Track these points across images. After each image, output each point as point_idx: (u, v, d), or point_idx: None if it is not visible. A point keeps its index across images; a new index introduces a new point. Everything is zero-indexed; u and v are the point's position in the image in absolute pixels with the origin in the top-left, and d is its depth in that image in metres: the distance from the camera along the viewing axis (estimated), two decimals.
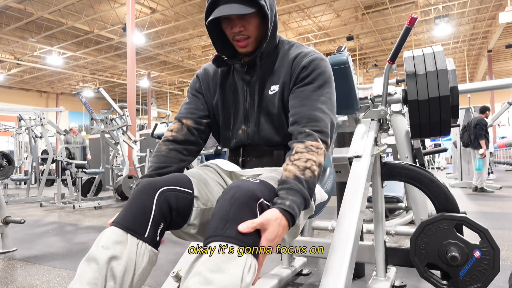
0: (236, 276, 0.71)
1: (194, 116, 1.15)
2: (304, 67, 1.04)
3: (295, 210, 0.83)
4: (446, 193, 1.54)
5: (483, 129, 6.18)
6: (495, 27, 15.01)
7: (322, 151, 0.95)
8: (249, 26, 1.01)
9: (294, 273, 2.00)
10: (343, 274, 1.04)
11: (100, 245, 0.82)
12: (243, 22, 1.00)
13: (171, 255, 2.66)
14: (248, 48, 1.05)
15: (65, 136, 7.52)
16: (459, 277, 1.40)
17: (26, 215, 5.08)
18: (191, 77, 22.06)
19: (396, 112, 2.43)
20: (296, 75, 1.04)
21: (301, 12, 13.74)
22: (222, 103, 1.16)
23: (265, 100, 1.09)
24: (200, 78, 1.20)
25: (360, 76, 21.16)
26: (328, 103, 1.02)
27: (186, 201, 0.92)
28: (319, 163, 0.93)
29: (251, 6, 0.97)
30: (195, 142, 1.15)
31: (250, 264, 0.74)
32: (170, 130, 1.15)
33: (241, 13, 0.95)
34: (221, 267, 0.71)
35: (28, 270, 2.37)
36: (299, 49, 1.09)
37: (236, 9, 0.95)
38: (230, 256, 0.72)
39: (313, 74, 1.03)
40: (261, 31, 1.04)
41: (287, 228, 0.82)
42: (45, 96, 23.83)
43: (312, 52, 1.07)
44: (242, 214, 0.77)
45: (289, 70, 1.06)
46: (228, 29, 1.03)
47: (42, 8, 12.40)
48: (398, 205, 3.72)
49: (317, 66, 1.04)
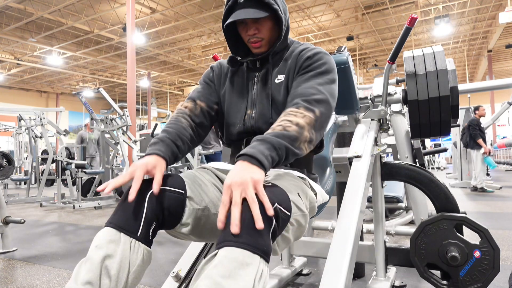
0: (248, 283, 0.70)
1: (206, 100, 1.21)
2: (308, 57, 1.11)
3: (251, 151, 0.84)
4: (446, 193, 1.54)
5: (476, 128, 6.33)
6: (495, 27, 15.01)
7: (301, 114, 0.96)
8: (262, 29, 1.09)
9: (294, 273, 2.00)
10: (343, 274, 1.04)
11: (94, 246, 0.83)
12: (257, 25, 1.09)
13: (171, 255, 2.66)
14: (262, 49, 1.13)
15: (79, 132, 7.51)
16: (459, 277, 1.40)
17: (26, 215, 5.08)
18: (191, 77, 22.06)
19: (396, 112, 2.43)
20: (300, 64, 1.11)
21: (301, 12, 13.73)
22: (231, 90, 1.21)
23: (271, 88, 1.14)
24: (214, 69, 1.27)
25: (360, 76, 21.16)
26: (324, 86, 1.05)
27: (178, 201, 0.93)
28: (297, 123, 0.94)
29: (265, 11, 1.05)
30: (205, 126, 1.19)
31: (262, 271, 0.74)
32: (184, 106, 1.18)
33: (255, 17, 1.03)
34: (233, 273, 0.70)
35: (28, 270, 2.37)
36: (306, 45, 1.17)
37: (251, 13, 1.04)
38: (243, 262, 0.72)
39: (316, 64, 1.09)
40: (274, 34, 1.12)
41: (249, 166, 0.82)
42: (45, 96, 23.83)
43: (318, 48, 1.14)
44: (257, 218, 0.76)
45: (295, 61, 1.13)
46: (244, 32, 1.12)
47: (42, 8, 12.40)
48: (398, 205, 3.71)
49: (320, 58, 1.10)
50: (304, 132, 0.94)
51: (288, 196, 0.88)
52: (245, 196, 0.77)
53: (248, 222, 0.76)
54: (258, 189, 0.78)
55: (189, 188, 0.97)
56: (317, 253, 1.89)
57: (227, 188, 0.79)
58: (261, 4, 1.05)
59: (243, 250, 0.73)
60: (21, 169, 10.46)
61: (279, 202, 0.82)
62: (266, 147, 0.87)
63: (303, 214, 0.95)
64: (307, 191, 1.03)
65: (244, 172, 0.80)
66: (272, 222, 0.78)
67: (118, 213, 0.88)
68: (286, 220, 0.86)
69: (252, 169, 0.82)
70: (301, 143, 0.94)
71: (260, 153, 0.85)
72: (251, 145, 0.89)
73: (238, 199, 0.77)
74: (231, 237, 0.75)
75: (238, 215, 0.75)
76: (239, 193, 0.77)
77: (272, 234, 0.79)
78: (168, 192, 0.92)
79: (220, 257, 0.73)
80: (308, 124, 0.96)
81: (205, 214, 0.97)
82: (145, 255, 0.87)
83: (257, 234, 0.75)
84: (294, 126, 0.93)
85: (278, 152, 0.88)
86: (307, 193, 1.02)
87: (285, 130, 0.92)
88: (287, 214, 0.86)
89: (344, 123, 1.98)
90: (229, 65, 1.22)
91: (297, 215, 0.92)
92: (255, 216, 0.75)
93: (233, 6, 1.08)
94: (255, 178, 0.79)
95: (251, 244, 0.74)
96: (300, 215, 0.93)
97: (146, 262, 0.87)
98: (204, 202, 0.98)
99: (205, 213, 0.97)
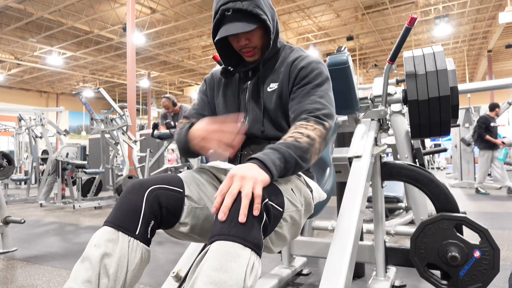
0: (239, 275, 0.71)
1: (201, 116, 1.22)
2: (302, 67, 1.11)
3: (263, 157, 0.86)
4: (446, 193, 1.54)
5: (481, 126, 6.16)
6: (495, 27, 15.01)
7: (312, 127, 0.99)
8: (253, 39, 1.10)
9: (294, 273, 2.00)
10: (343, 274, 1.04)
11: (92, 245, 0.84)
12: (247, 35, 1.09)
13: (171, 255, 2.66)
14: (255, 57, 1.14)
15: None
16: (459, 277, 1.40)
17: (26, 215, 5.08)
18: (191, 77, 22.07)
19: (396, 112, 2.43)
20: (295, 75, 1.12)
21: (301, 12, 13.73)
22: (224, 99, 1.23)
23: (263, 96, 1.15)
24: (207, 82, 1.29)
25: (360, 76, 21.15)
26: (325, 97, 1.08)
27: (176, 199, 0.94)
28: (308, 135, 0.97)
29: (254, 22, 1.05)
30: None
31: (253, 263, 0.75)
32: (182, 124, 1.22)
33: (245, 31, 1.03)
34: (225, 266, 0.71)
35: (28, 270, 2.37)
36: (298, 53, 1.17)
37: (240, 27, 1.04)
38: (234, 255, 0.73)
39: (312, 74, 1.10)
40: (265, 40, 1.13)
41: (258, 169, 0.83)
42: (45, 96, 23.83)
43: (310, 56, 1.16)
44: (247, 214, 0.77)
45: (288, 71, 1.14)
46: (235, 43, 1.12)
47: (42, 8, 12.40)
48: (398, 205, 3.72)
49: (315, 68, 1.11)
50: (315, 144, 0.97)
51: (281, 193, 0.89)
52: (241, 190, 0.78)
53: (238, 216, 0.76)
54: (256, 188, 0.79)
55: (188, 187, 0.97)
56: (317, 253, 1.89)
57: (229, 178, 0.81)
58: (250, 15, 1.05)
59: (234, 243, 0.74)
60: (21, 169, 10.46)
61: (270, 198, 0.83)
62: (278, 157, 0.88)
63: (298, 210, 0.96)
64: (301, 187, 1.03)
65: (251, 171, 0.82)
66: (262, 216, 0.79)
67: (116, 212, 0.88)
68: (279, 216, 0.87)
69: (259, 171, 0.83)
70: (312, 154, 0.97)
71: (271, 161, 0.86)
72: (264, 151, 0.90)
73: (235, 190, 0.78)
74: (221, 231, 0.76)
75: (229, 204, 0.77)
76: (237, 185, 0.79)
77: (263, 228, 0.80)
78: (166, 191, 0.93)
79: (211, 251, 0.74)
80: (319, 137, 0.99)
81: (203, 213, 0.98)
82: (144, 254, 0.87)
83: (248, 228, 0.76)
84: (305, 138, 0.95)
85: (287, 166, 0.90)
86: (301, 189, 1.03)
87: (296, 141, 0.94)
88: (280, 210, 0.87)
89: (344, 123, 1.98)
90: (223, 77, 1.23)
91: (291, 210, 0.93)
92: (241, 209, 0.76)
93: (221, 19, 1.08)
94: (258, 178, 0.81)
95: (241, 237, 0.74)
96: (294, 211, 0.94)
97: (145, 261, 0.88)
98: (203, 201, 0.98)
99: (203, 212, 0.98)
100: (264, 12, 1.06)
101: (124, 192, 0.92)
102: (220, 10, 1.06)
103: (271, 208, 0.83)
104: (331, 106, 1.07)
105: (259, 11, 1.05)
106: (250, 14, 1.05)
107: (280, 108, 1.13)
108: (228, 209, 0.77)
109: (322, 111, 1.04)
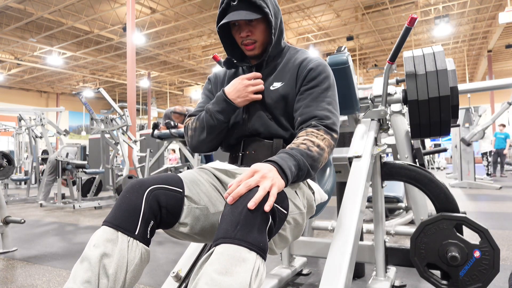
0: (244, 280, 0.71)
1: None
2: (311, 68, 1.13)
3: (281, 162, 0.89)
4: (446, 193, 1.54)
5: None
6: (495, 27, 15.01)
7: (321, 137, 1.03)
8: (255, 31, 1.12)
9: (294, 273, 2.00)
10: (343, 274, 1.04)
11: (91, 245, 0.83)
12: (250, 27, 1.11)
13: (171, 255, 2.66)
14: (255, 51, 1.15)
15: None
16: (459, 277, 1.40)
17: (26, 215, 5.08)
18: (191, 77, 22.07)
19: (396, 112, 2.43)
20: (304, 76, 1.13)
21: (301, 12, 13.74)
22: None
23: (265, 94, 1.16)
24: (211, 80, 1.32)
25: (360, 76, 21.16)
26: (333, 104, 1.11)
27: (176, 199, 0.93)
28: (318, 144, 1.00)
29: (258, 13, 1.08)
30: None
31: (258, 268, 0.74)
32: (189, 120, 1.24)
33: (247, 19, 1.06)
34: (230, 270, 0.71)
35: (28, 270, 2.37)
36: (305, 55, 1.19)
37: (243, 15, 1.07)
38: (239, 259, 0.72)
39: (320, 77, 1.12)
40: (267, 36, 1.14)
41: (277, 173, 0.86)
42: (45, 96, 23.84)
43: (317, 58, 1.18)
44: (254, 217, 0.77)
45: (296, 71, 1.15)
46: (237, 34, 1.14)
47: (42, 8, 12.40)
48: (398, 205, 3.72)
49: (323, 71, 1.13)
50: (324, 154, 1.02)
51: (285, 196, 0.89)
52: (259, 185, 0.80)
53: (245, 219, 0.76)
54: (273, 189, 0.81)
55: (187, 187, 0.97)
56: (317, 253, 1.89)
57: (251, 171, 0.84)
58: (254, 6, 1.08)
59: (240, 247, 0.73)
60: (21, 169, 10.46)
61: (276, 200, 0.83)
62: (294, 164, 0.92)
63: (301, 212, 0.96)
64: (304, 190, 1.04)
65: (271, 172, 0.85)
66: (268, 219, 0.79)
67: (116, 211, 0.87)
68: (283, 219, 0.87)
69: (278, 176, 0.86)
70: (320, 163, 1.01)
71: (288, 168, 0.89)
72: (281, 156, 0.92)
73: (253, 182, 0.81)
74: (227, 234, 0.75)
75: (242, 192, 0.79)
76: (256, 180, 0.81)
77: (268, 232, 0.80)
78: (166, 191, 0.93)
79: (216, 254, 0.74)
80: (327, 147, 1.03)
81: (203, 213, 0.98)
82: (143, 254, 0.86)
83: (254, 231, 0.75)
84: (316, 148, 0.99)
85: (299, 173, 0.94)
86: (304, 191, 1.03)
87: (309, 149, 0.97)
88: (284, 212, 0.87)
89: (344, 123, 1.98)
90: (226, 67, 1.25)
91: (295, 213, 0.94)
92: (255, 196, 0.77)
93: (227, 8, 1.11)
94: (276, 183, 0.83)
95: (247, 240, 0.74)
96: (297, 214, 0.95)
97: (144, 261, 0.87)
98: (203, 201, 0.98)
99: (203, 212, 0.98)
100: (268, 6, 1.09)
101: (123, 191, 0.91)
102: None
103: (276, 211, 0.83)
104: (338, 114, 1.11)
105: (262, 4, 1.08)
106: (254, 5, 1.08)
107: (282, 107, 1.14)
108: (239, 195, 0.79)
109: (331, 120, 1.07)
